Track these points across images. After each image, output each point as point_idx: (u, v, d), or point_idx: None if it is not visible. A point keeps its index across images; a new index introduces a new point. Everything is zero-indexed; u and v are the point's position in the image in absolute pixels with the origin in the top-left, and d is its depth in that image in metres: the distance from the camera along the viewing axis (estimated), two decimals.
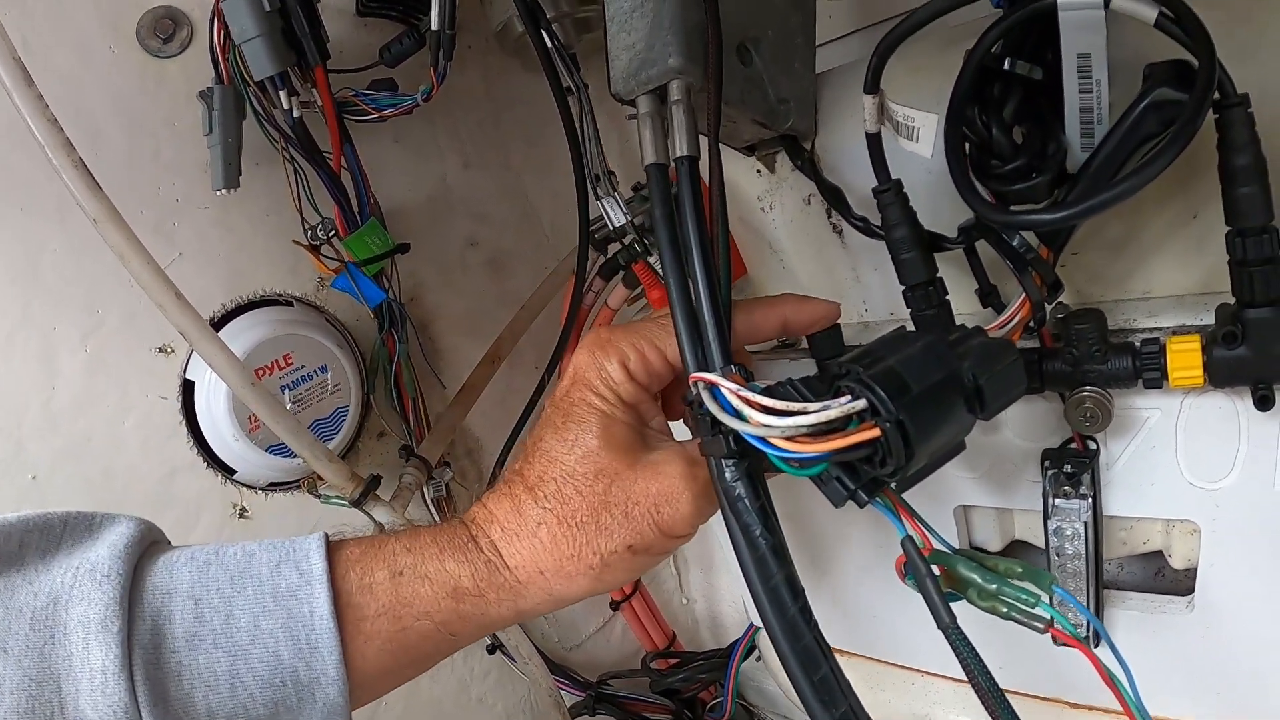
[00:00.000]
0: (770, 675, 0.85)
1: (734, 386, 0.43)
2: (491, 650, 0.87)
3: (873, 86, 0.50)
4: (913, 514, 0.48)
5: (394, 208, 0.83)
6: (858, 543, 0.68)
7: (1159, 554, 0.58)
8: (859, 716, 0.45)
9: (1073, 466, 0.54)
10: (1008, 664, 0.45)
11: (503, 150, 0.91)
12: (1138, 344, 0.50)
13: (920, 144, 0.50)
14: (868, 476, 0.45)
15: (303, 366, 0.76)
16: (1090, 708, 0.60)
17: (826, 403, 0.42)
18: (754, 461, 0.46)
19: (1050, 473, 0.55)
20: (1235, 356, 0.46)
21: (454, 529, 0.49)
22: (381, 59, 0.75)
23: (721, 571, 1.00)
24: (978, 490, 0.60)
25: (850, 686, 0.46)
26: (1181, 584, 0.59)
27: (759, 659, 0.89)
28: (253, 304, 0.77)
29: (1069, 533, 0.55)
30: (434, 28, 0.69)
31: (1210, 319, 0.50)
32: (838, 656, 0.45)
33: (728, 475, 0.46)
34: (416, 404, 0.84)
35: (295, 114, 0.70)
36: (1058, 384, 0.52)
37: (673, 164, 0.50)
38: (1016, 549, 0.64)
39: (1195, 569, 0.55)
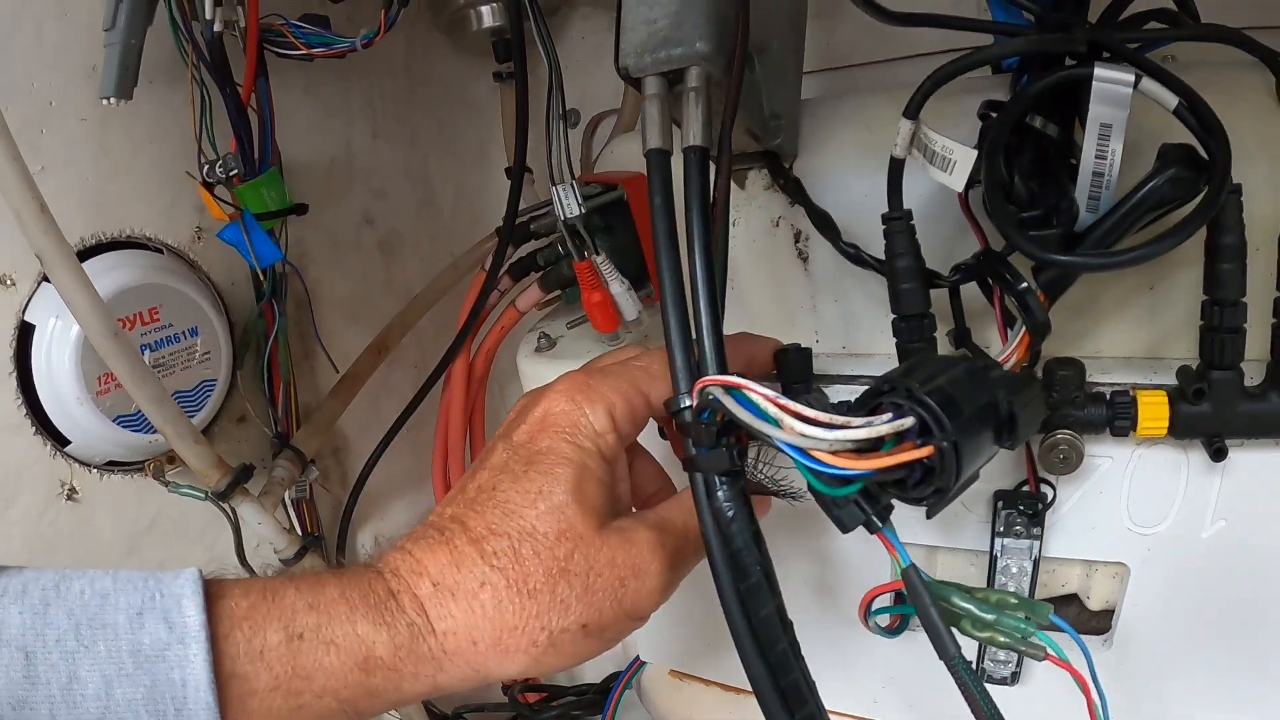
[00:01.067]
0: (647, 712, 0.81)
1: (766, 391, 0.41)
2: None
3: (914, 112, 0.51)
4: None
5: (291, 164, 0.74)
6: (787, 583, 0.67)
7: (1068, 597, 0.62)
8: None
9: (1027, 507, 0.57)
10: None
11: (413, 127, 0.84)
12: (1108, 395, 0.53)
13: (954, 177, 0.50)
14: (885, 500, 0.44)
15: (170, 325, 0.64)
16: None
17: (870, 418, 0.41)
18: (746, 482, 0.44)
19: (1004, 513, 0.57)
20: (1198, 412, 0.50)
21: (367, 579, 0.40)
22: None
23: None
24: (920, 527, 0.61)
25: None
26: (1088, 624, 0.63)
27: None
28: (117, 243, 0.64)
29: (1015, 570, 0.58)
30: None
31: (1157, 380, 0.55)
32: None
33: (720, 495, 0.43)
34: (288, 388, 0.74)
35: (216, 28, 0.60)
36: None
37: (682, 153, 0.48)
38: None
39: (1111, 610, 0.59)
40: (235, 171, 0.64)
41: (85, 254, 0.64)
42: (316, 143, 0.77)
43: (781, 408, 0.40)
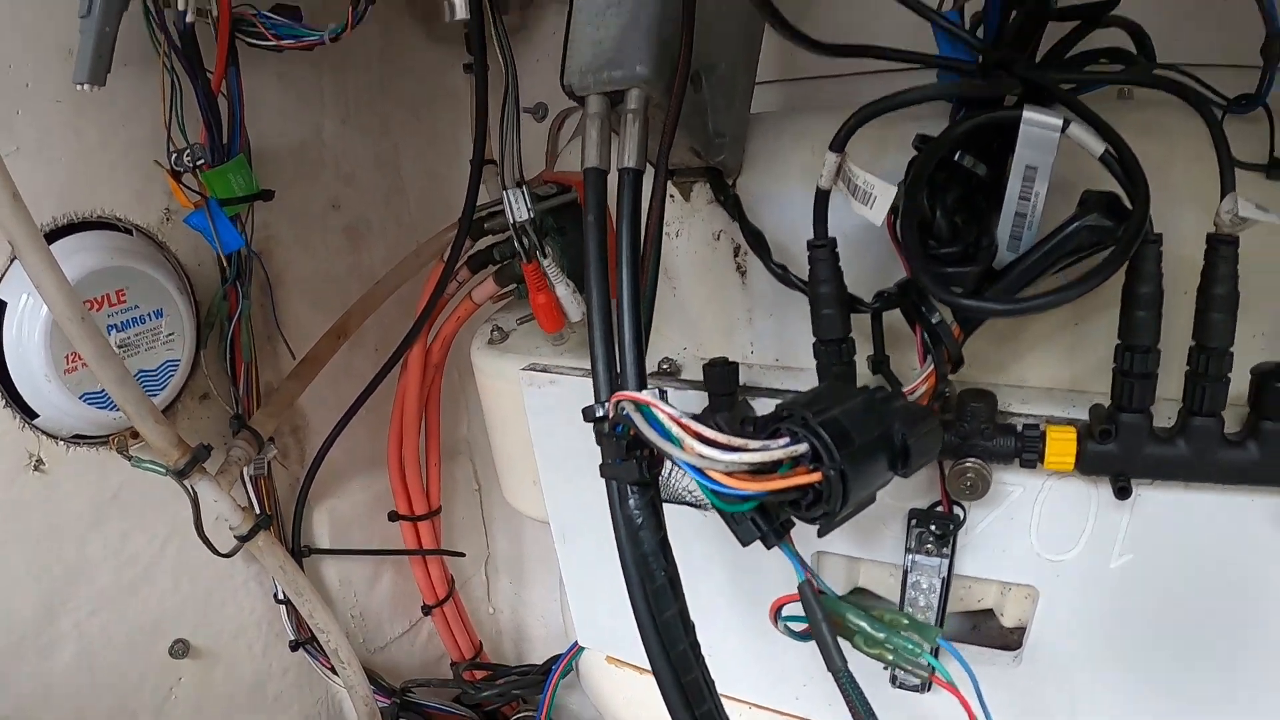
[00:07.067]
0: (586, 696, 0.85)
1: (671, 410, 0.43)
2: (295, 647, 0.80)
3: (839, 146, 0.52)
4: (803, 561, 0.50)
5: (262, 150, 0.75)
6: (717, 583, 0.69)
7: (984, 612, 0.65)
8: None
9: (938, 527, 0.59)
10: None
11: (384, 116, 0.86)
12: (1019, 428, 0.55)
13: (874, 211, 0.52)
14: (780, 519, 0.46)
15: (137, 307, 0.66)
16: None
17: (767, 443, 0.43)
18: (656, 492, 0.46)
19: (916, 531, 0.59)
20: (1105, 451, 0.52)
21: None
22: None
23: (533, 586, 0.98)
24: (839, 539, 0.64)
25: None
26: (998, 639, 0.66)
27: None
28: (87, 224, 0.67)
29: (925, 586, 0.60)
30: None
31: (1075, 414, 0.56)
32: None
33: (631, 503, 0.45)
34: (250, 370, 0.76)
35: (189, 18, 0.62)
36: (944, 453, 0.56)
37: (617, 172, 0.49)
38: (858, 595, 0.68)
39: (1023, 628, 0.61)
40: (202, 160, 0.66)
41: (57, 233, 0.66)
42: (288, 129, 0.78)
43: (684, 428, 0.42)
